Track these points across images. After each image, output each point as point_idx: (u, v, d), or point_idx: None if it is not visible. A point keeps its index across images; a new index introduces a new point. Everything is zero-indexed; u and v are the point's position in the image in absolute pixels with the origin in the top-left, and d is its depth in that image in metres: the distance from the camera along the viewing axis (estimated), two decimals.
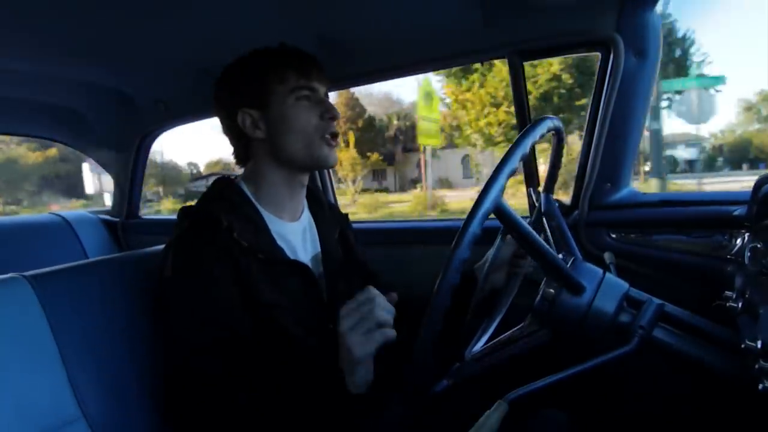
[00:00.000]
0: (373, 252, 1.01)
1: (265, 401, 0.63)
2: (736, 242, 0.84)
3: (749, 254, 0.64)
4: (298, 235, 0.80)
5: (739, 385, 0.54)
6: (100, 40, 1.03)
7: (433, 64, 1.17)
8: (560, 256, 0.62)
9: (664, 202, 0.98)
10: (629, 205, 1.01)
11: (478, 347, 0.69)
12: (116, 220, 1.90)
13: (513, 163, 0.53)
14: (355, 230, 0.96)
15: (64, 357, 0.68)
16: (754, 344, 0.46)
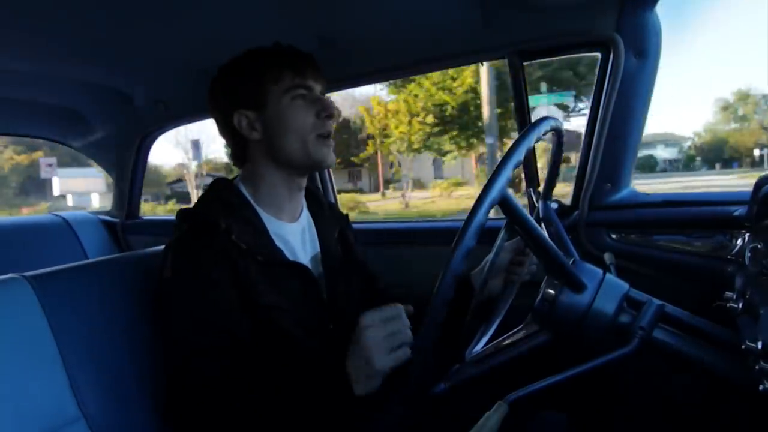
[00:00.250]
0: (373, 252, 1.01)
1: (265, 403, 0.63)
2: (737, 243, 0.84)
3: (749, 255, 0.64)
4: (298, 236, 0.80)
5: (740, 386, 0.54)
6: (100, 40, 1.03)
7: (433, 64, 1.17)
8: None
9: (665, 202, 0.98)
10: (629, 206, 1.01)
11: (478, 349, 0.69)
12: (116, 220, 1.90)
13: (519, 155, 0.54)
14: (355, 230, 0.96)
15: (64, 357, 0.68)
16: (754, 345, 0.46)
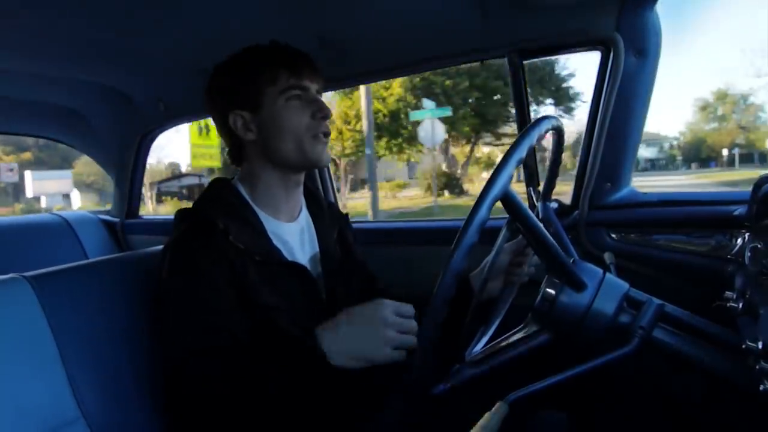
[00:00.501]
0: (373, 252, 1.01)
1: (263, 402, 0.63)
2: (737, 242, 0.84)
3: (749, 254, 0.63)
4: (296, 236, 0.80)
5: (740, 386, 0.54)
6: (100, 40, 1.03)
7: (433, 64, 1.17)
8: None
9: (665, 202, 0.98)
10: (629, 205, 1.01)
11: (478, 349, 0.69)
12: (116, 220, 1.90)
13: (521, 153, 0.54)
14: (355, 230, 0.96)
15: (64, 357, 0.68)
16: (754, 345, 0.46)
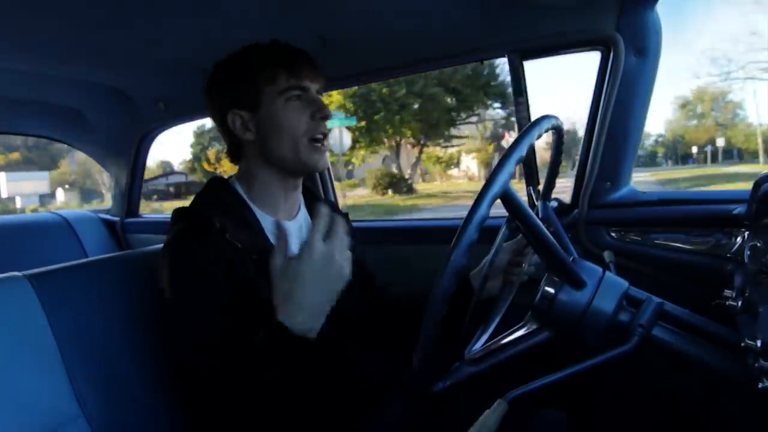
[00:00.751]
0: (373, 251, 1.01)
1: (266, 398, 0.63)
2: (736, 241, 0.84)
3: (749, 253, 0.63)
4: (294, 234, 0.80)
5: (739, 384, 0.54)
6: (100, 40, 1.03)
7: (433, 64, 1.17)
8: None
9: (664, 200, 0.98)
10: (629, 204, 1.01)
11: (478, 347, 0.69)
12: (116, 219, 1.91)
13: (521, 151, 0.54)
14: (355, 228, 0.96)
15: (64, 356, 0.68)
16: (753, 343, 0.46)
